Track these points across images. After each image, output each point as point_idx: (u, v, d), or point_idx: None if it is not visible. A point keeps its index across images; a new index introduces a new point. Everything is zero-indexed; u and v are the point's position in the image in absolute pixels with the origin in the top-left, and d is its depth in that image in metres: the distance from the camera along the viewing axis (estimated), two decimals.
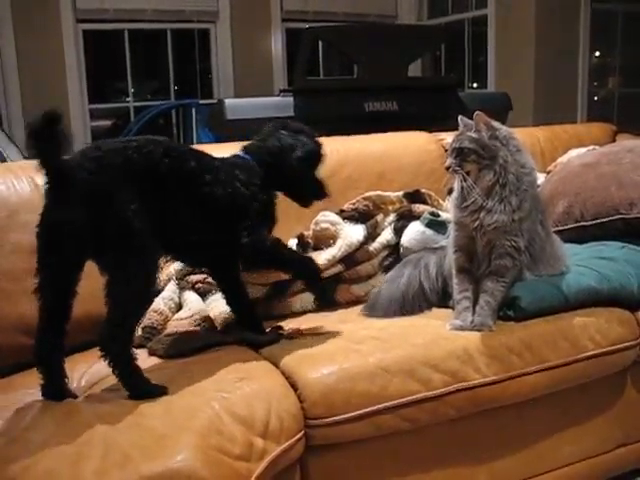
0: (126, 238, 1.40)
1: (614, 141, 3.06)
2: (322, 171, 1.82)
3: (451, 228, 1.91)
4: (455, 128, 1.84)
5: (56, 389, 1.44)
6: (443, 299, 1.95)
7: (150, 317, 1.79)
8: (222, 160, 1.68)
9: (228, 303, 1.78)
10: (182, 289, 1.94)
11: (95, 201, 1.37)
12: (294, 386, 1.51)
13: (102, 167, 1.40)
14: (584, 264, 2.00)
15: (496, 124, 1.77)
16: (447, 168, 1.78)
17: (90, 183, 1.37)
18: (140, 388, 1.40)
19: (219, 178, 1.60)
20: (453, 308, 1.85)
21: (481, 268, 1.82)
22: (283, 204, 1.79)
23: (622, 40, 5.95)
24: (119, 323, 1.41)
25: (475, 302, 1.80)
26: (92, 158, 1.41)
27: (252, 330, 1.77)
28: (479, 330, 1.73)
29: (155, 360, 1.65)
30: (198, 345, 1.67)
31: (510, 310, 1.80)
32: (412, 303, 1.92)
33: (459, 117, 1.81)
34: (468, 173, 1.75)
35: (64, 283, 1.45)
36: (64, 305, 1.45)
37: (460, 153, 1.75)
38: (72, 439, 1.22)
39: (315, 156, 1.77)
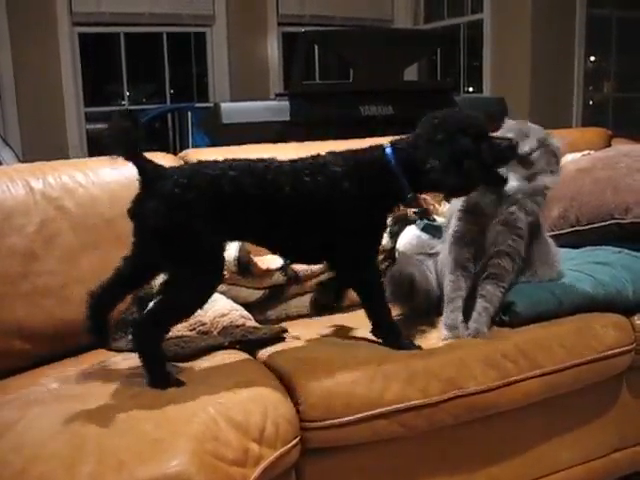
0: (187, 254, 1.46)
1: (609, 146, 3.07)
2: None
3: (453, 222, 1.88)
4: None
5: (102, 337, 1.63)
6: (439, 305, 1.95)
7: None
8: (326, 172, 1.58)
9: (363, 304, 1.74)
10: None
11: (174, 213, 1.44)
12: (291, 390, 1.50)
13: (192, 186, 1.46)
14: (579, 269, 2.00)
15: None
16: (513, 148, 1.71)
17: (176, 196, 1.44)
18: (159, 376, 1.46)
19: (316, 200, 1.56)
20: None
21: (482, 267, 1.82)
22: None
23: (617, 45, 5.97)
24: (159, 315, 1.49)
25: (468, 303, 1.80)
26: (186, 175, 1.49)
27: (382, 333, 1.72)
28: (474, 337, 1.73)
29: None
30: (194, 350, 1.66)
31: (505, 315, 1.80)
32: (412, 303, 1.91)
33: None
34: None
35: (139, 267, 1.56)
36: (130, 283, 1.60)
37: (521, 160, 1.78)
38: (67, 443, 1.22)
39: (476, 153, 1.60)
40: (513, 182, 1.78)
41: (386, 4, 6.84)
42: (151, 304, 1.56)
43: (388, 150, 1.63)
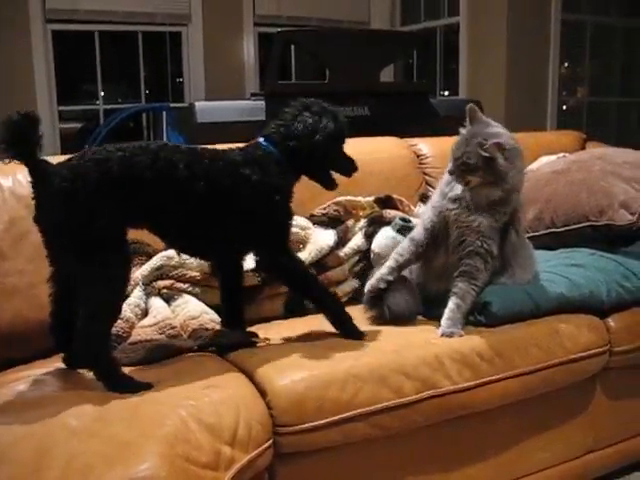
0: (90, 248, 1.42)
1: (584, 149, 3.09)
2: None
3: (425, 211, 1.91)
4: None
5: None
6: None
7: (115, 324, 1.76)
8: (223, 159, 1.63)
9: (222, 297, 1.80)
10: (148, 295, 1.89)
11: (65, 208, 1.40)
12: (263, 393, 1.48)
13: (77, 175, 1.42)
14: (554, 271, 2.00)
15: (506, 141, 1.75)
16: (450, 173, 1.78)
17: (64, 190, 1.40)
18: (120, 386, 1.43)
19: (215, 183, 1.57)
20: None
21: (448, 261, 1.83)
22: None
23: (591, 51, 6.03)
24: (90, 323, 1.43)
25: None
26: (70, 166, 1.44)
27: (233, 328, 1.78)
28: (449, 337, 1.72)
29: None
30: (163, 353, 1.63)
31: (481, 315, 1.80)
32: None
33: (460, 128, 1.80)
34: (468, 182, 1.75)
35: (65, 279, 1.53)
36: (72, 294, 1.52)
37: (467, 166, 1.73)
38: (33, 447, 1.19)
39: (341, 134, 1.75)
40: (457, 190, 1.80)
41: (363, 6, 6.84)
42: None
43: (262, 141, 1.72)
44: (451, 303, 1.77)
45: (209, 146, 1.73)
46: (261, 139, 1.73)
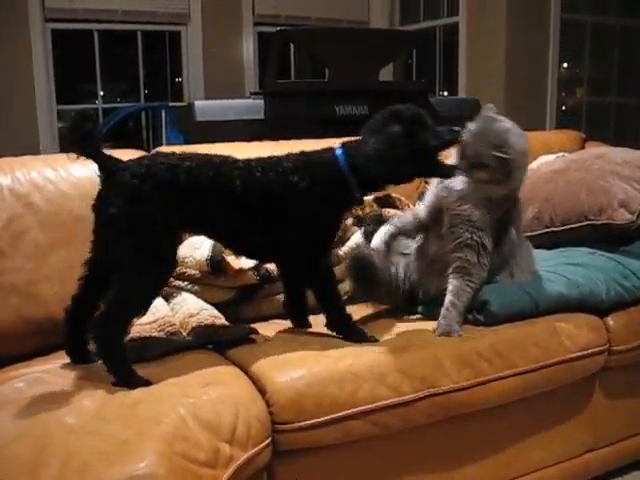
0: (148, 245, 1.48)
1: (583, 148, 3.09)
2: None
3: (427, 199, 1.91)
4: None
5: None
6: (409, 304, 1.95)
7: None
8: (275, 169, 1.63)
9: (285, 294, 1.87)
10: None
11: (131, 202, 1.47)
12: (262, 390, 1.48)
13: (148, 175, 1.49)
14: (554, 270, 2.00)
15: (517, 140, 1.74)
16: (458, 168, 1.75)
17: (134, 186, 1.47)
18: (124, 376, 1.45)
19: (266, 194, 1.61)
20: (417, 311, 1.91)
21: (441, 250, 1.84)
22: None
23: (590, 51, 6.03)
24: (115, 312, 1.47)
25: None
26: (143, 165, 1.51)
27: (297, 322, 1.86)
28: (447, 336, 1.72)
29: None
30: (161, 351, 1.63)
31: (480, 314, 1.79)
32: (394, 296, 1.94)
33: (468, 123, 1.78)
34: (477, 177, 1.75)
35: (102, 267, 1.57)
36: (101, 287, 1.57)
37: (477, 164, 1.73)
38: (31, 445, 1.18)
39: (433, 149, 1.66)
40: (456, 182, 1.80)
41: (362, 6, 6.83)
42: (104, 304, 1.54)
43: (338, 151, 1.69)
44: (446, 301, 1.77)
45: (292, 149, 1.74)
46: (338, 146, 1.71)
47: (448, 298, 1.77)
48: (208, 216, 1.60)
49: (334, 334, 1.74)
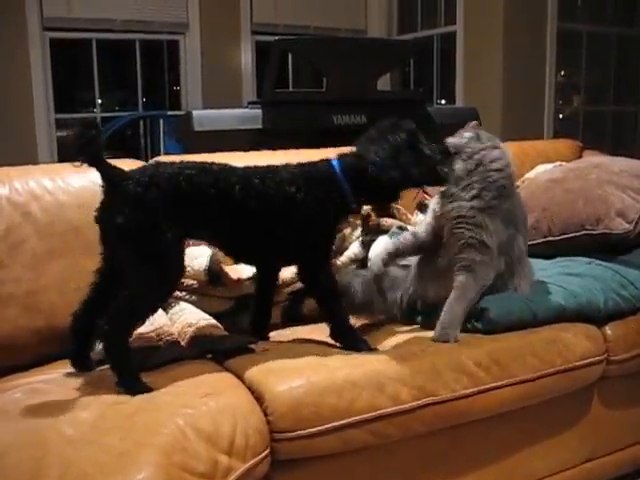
0: (154, 252, 1.51)
1: (580, 157, 3.10)
2: None
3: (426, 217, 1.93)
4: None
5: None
6: (408, 315, 1.94)
7: None
8: (273, 178, 1.67)
9: (257, 297, 1.86)
10: None
11: (133, 212, 1.49)
12: (260, 400, 1.48)
13: (152, 184, 1.51)
14: (551, 280, 2.00)
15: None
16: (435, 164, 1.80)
17: (134, 195, 1.49)
18: (126, 377, 1.47)
19: (264, 202, 1.63)
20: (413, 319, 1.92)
21: (444, 259, 1.85)
22: None
23: (586, 59, 6.05)
24: (123, 315, 1.49)
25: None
26: (146, 174, 1.54)
27: (256, 331, 1.85)
28: (444, 341, 1.73)
29: None
30: (160, 360, 1.63)
31: (478, 322, 1.79)
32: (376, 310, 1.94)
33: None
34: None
35: (111, 276, 1.59)
36: (109, 295, 1.58)
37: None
38: (29, 456, 1.18)
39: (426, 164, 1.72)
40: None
41: (360, 15, 6.86)
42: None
43: (334, 161, 1.73)
44: (451, 296, 1.78)
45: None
46: (334, 158, 1.75)
47: (452, 294, 1.77)
48: (208, 223, 1.63)
49: (335, 344, 1.74)
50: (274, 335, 1.88)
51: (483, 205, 1.79)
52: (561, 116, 6.06)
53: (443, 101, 6.55)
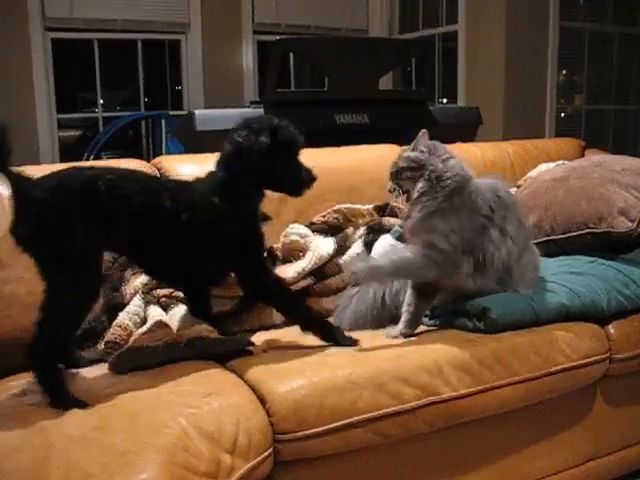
0: (65, 259, 1.45)
1: (583, 156, 3.10)
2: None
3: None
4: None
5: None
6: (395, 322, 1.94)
7: (114, 332, 1.75)
8: (184, 192, 1.66)
9: (194, 312, 1.81)
10: (148, 303, 1.88)
11: (41, 219, 1.44)
12: (263, 400, 1.48)
13: (60, 188, 1.46)
14: (554, 279, 2.00)
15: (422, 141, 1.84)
16: (390, 191, 1.84)
17: (41, 200, 1.44)
18: (59, 397, 1.42)
19: (179, 216, 1.60)
20: None
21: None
22: None
23: (588, 58, 6.05)
24: (46, 331, 1.45)
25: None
26: (56, 177, 1.50)
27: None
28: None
29: (118, 375, 1.60)
30: (158, 360, 1.62)
31: (480, 322, 1.79)
32: (377, 319, 1.92)
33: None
34: (408, 192, 1.80)
35: None
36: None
37: (396, 175, 1.82)
38: (32, 456, 1.18)
39: (280, 149, 1.73)
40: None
41: (361, 14, 6.86)
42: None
43: (216, 168, 1.74)
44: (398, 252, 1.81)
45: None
46: (214, 168, 1.75)
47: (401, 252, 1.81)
48: (129, 231, 1.58)
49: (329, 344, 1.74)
50: (274, 335, 1.88)
51: (434, 208, 1.77)
52: (563, 115, 6.05)
53: (445, 100, 6.55)
